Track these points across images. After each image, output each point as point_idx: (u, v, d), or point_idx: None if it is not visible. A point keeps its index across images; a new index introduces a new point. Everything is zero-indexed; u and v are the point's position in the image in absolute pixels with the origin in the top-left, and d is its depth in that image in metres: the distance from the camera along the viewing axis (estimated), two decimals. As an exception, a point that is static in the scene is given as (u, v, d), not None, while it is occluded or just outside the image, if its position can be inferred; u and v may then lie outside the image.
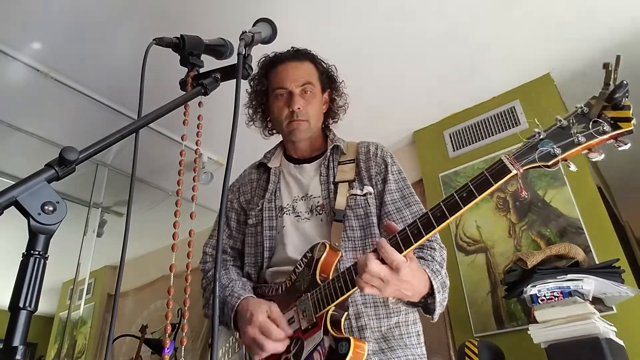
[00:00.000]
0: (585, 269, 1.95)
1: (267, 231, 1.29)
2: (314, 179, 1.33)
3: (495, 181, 0.85)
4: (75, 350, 4.50)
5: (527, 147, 0.85)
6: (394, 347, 1.12)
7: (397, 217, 1.22)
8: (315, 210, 1.28)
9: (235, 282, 1.25)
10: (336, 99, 1.45)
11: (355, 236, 1.21)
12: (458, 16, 2.33)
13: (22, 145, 3.08)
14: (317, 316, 1.03)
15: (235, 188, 1.45)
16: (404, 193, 1.27)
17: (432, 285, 1.00)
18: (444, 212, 0.88)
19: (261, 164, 1.44)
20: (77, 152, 0.60)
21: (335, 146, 1.36)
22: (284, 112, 1.32)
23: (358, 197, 1.25)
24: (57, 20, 2.22)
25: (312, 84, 1.34)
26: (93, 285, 4.75)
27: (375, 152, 1.34)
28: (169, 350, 1.45)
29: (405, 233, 0.91)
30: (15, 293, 0.51)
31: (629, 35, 2.49)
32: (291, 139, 1.36)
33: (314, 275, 1.09)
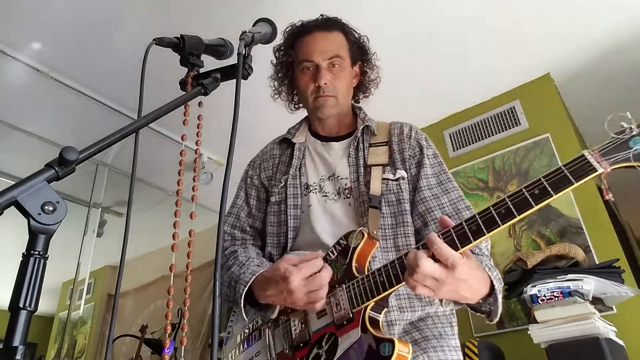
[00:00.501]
0: (585, 269, 1.95)
1: (291, 209, 1.19)
2: (342, 159, 1.24)
3: (577, 179, 0.75)
4: (75, 350, 4.51)
5: (617, 143, 0.75)
6: (428, 337, 1.03)
7: (435, 203, 1.13)
8: (343, 193, 1.19)
9: (252, 259, 1.14)
10: (367, 72, 1.35)
11: (386, 224, 1.12)
12: (458, 16, 2.33)
13: (22, 145, 3.08)
14: (354, 311, 0.94)
15: (257, 164, 1.36)
16: (440, 178, 1.18)
17: (492, 284, 0.91)
18: (510, 210, 0.78)
19: (284, 139, 1.34)
20: (77, 152, 0.60)
21: (366, 126, 1.27)
22: (310, 87, 1.23)
23: (390, 181, 1.16)
24: (57, 20, 2.22)
25: (341, 56, 1.24)
26: (93, 285, 4.75)
27: (409, 133, 1.25)
28: (169, 350, 1.44)
29: (463, 229, 0.82)
30: (15, 293, 0.51)
31: (629, 36, 2.49)
32: (317, 115, 1.27)
33: (349, 266, 1.00)
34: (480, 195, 2.73)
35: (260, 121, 2.60)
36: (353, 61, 1.30)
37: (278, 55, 1.34)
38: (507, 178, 2.68)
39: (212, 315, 0.60)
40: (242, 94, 0.77)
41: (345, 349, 0.92)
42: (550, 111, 2.70)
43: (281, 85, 1.37)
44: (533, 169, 2.59)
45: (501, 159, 2.75)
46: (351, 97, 1.33)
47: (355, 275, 0.98)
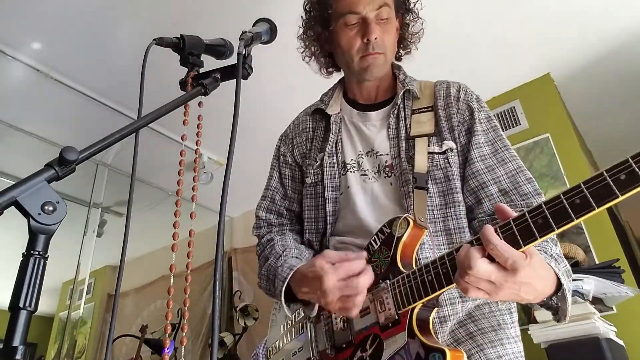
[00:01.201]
0: (585, 269, 1.95)
1: (329, 192, 1.08)
2: (380, 131, 1.10)
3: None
4: (75, 350, 4.50)
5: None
6: (485, 329, 0.92)
7: (489, 177, 0.98)
8: (383, 171, 1.06)
9: (290, 249, 1.04)
10: (409, 24, 1.19)
11: (433, 204, 0.99)
12: (457, 16, 2.33)
13: (22, 145, 3.08)
14: (400, 313, 0.85)
15: (289, 139, 1.22)
16: (495, 147, 1.02)
17: (559, 282, 0.76)
18: (587, 200, 0.63)
19: (317, 109, 1.20)
20: (77, 152, 0.60)
21: (407, 90, 1.11)
22: (355, 44, 1.06)
23: (436, 155, 1.01)
24: (57, 20, 2.22)
25: (389, 5, 1.08)
26: (93, 285, 4.75)
27: (457, 95, 1.08)
28: (169, 350, 1.44)
29: (526, 222, 0.68)
30: (15, 293, 0.51)
31: (629, 36, 2.49)
32: (365, 77, 1.11)
33: (394, 259, 0.90)
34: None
35: (261, 121, 2.60)
36: (397, 11, 1.14)
37: (310, 8, 1.17)
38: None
39: (212, 315, 0.60)
40: (243, 94, 0.77)
41: (391, 355, 0.84)
42: (550, 111, 2.70)
43: (314, 45, 1.19)
44: (533, 169, 2.59)
45: (501, 159, 2.74)
46: (395, 53, 1.18)
47: (401, 270, 0.88)
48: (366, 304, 0.91)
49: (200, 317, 3.91)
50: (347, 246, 1.04)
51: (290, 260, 0.99)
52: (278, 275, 0.98)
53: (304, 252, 1.06)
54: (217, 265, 0.62)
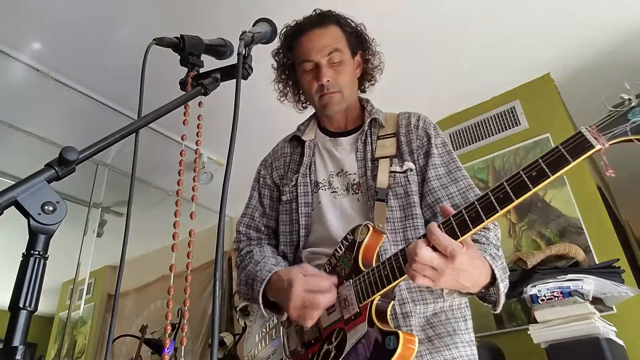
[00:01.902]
0: (585, 269, 1.95)
1: (302, 207, 1.20)
2: (349, 154, 1.24)
3: (574, 158, 0.71)
4: (75, 350, 4.50)
5: (614, 117, 0.71)
6: (442, 334, 1.03)
7: (443, 194, 1.12)
8: (351, 188, 1.18)
9: (268, 258, 1.16)
10: (370, 59, 1.33)
11: (394, 217, 1.11)
12: (457, 16, 2.33)
13: (22, 145, 3.08)
14: (360, 306, 0.95)
15: (268, 163, 1.37)
16: (449, 167, 1.17)
17: (493, 273, 0.89)
18: (508, 194, 0.76)
19: (294, 137, 1.34)
20: (77, 152, 0.60)
21: (374, 119, 1.26)
22: (313, 87, 1.22)
23: (397, 174, 1.15)
24: (57, 20, 2.22)
25: (340, 50, 1.22)
26: (93, 285, 4.75)
27: (417, 123, 1.23)
28: (169, 350, 1.44)
29: (462, 217, 0.81)
30: (15, 293, 0.51)
31: (629, 35, 2.49)
32: (325, 113, 1.26)
33: (356, 260, 1.00)
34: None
35: (261, 121, 2.60)
36: (353, 52, 1.27)
37: (278, 58, 1.34)
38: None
39: (212, 315, 0.60)
40: (243, 94, 0.77)
41: (354, 344, 0.93)
42: (550, 111, 2.70)
43: (286, 87, 1.36)
44: (533, 169, 2.59)
45: (501, 159, 2.75)
46: (356, 88, 1.31)
47: (361, 270, 0.98)
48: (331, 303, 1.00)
49: (200, 317, 3.91)
50: (318, 255, 1.14)
51: (268, 266, 1.11)
52: (257, 278, 1.08)
53: (280, 261, 1.17)
54: (217, 265, 0.62)
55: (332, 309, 1.01)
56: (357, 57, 1.30)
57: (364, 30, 1.33)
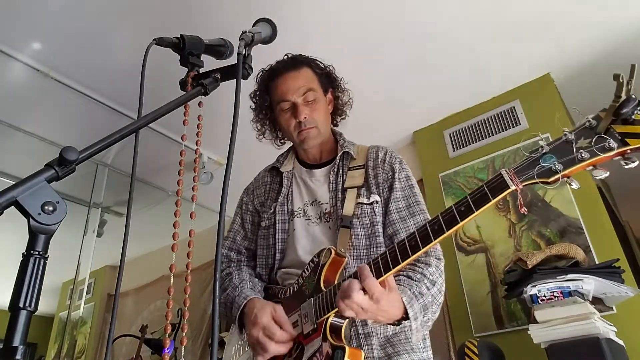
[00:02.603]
0: (585, 269, 1.95)
1: (279, 234, 1.30)
2: (323, 185, 1.34)
3: (494, 196, 0.82)
4: (75, 350, 4.50)
5: (529, 161, 0.82)
6: (400, 352, 1.11)
7: (401, 226, 1.22)
8: (324, 217, 1.29)
9: (246, 282, 1.26)
10: (340, 96, 1.45)
11: (360, 245, 1.21)
12: (458, 16, 2.33)
13: (22, 145, 3.08)
14: (317, 322, 1.04)
15: (250, 191, 1.48)
16: (409, 202, 1.26)
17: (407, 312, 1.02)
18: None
19: (274, 167, 1.46)
20: (77, 152, 0.60)
21: (345, 152, 1.36)
22: (291, 124, 1.32)
23: (364, 205, 1.24)
24: (57, 20, 2.22)
25: (314, 89, 1.33)
26: (93, 285, 4.75)
27: (384, 158, 1.33)
28: (169, 350, 1.45)
29: (385, 257, 0.93)
30: (15, 293, 0.51)
31: (629, 35, 2.49)
32: (303, 147, 1.37)
33: (318, 281, 1.10)
34: (480, 195, 2.72)
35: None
36: (325, 90, 1.39)
37: (255, 100, 1.44)
38: (507, 178, 2.68)
39: (212, 315, 0.61)
40: (243, 94, 0.77)
41: (309, 357, 1.02)
42: (550, 111, 2.70)
43: (263, 126, 1.46)
44: (533, 169, 2.59)
45: (501, 159, 2.75)
46: (330, 123, 1.42)
47: (322, 290, 1.07)
48: (295, 319, 1.11)
49: (200, 317, 3.91)
50: (290, 276, 1.25)
51: (245, 291, 1.21)
52: (235, 304, 1.19)
53: (257, 285, 1.28)
54: (217, 265, 0.62)
55: (295, 324, 1.10)
56: (328, 94, 1.42)
57: (333, 71, 1.45)
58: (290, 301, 1.16)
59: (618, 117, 0.75)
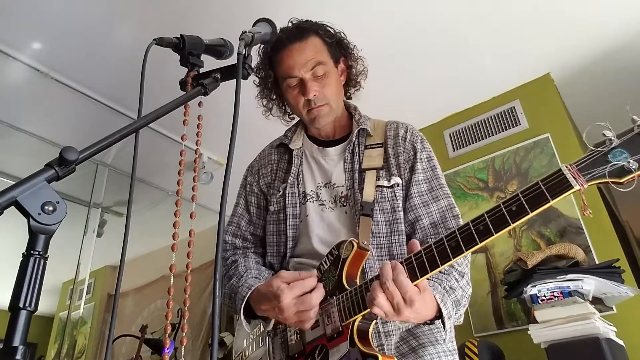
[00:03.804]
0: (585, 269, 1.95)
1: (290, 219, 1.19)
2: (337, 165, 1.22)
3: (553, 196, 0.71)
4: (75, 350, 4.50)
5: (595, 157, 0.71)
6: (425, 344, 1.04)
7: (424, 211, 1.12)
8: (339, 201, 1.17)
9: (251, 270, 1.15)
10: (353, 65, 1.31)
11: (380, 232, 1.11)
12: (458, 16, 2.33)
13: (22, 145, 3.08)
14: (343, 325, 0.95)
15: (255, 170, 1.34)
16: (432, 185, 1.16)
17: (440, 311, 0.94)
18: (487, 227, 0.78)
19: (282, 144, 1.32)
20: (77, 152, 0.60)
21: (362, 129, 1.24)
22: (300, 102, 1.20)
23: (385, 189, 1.14)
24: (57, 20, 2.22)
25: (323, 62, 1.19)
26: (93, 285, 4.75)
27: (405, 135, 1.22)
28: (169, 350, 1.44)
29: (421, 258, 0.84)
30: (15, 293, 0.51)
31: (630, 35, 2.49)
32: (315, 126, 1.24)
33: (340, 277, 1.01)
34: (480, 195, 2.72)
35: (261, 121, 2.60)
36: (335, 60, 1.25)
37: (259, 75, 1.31)
38: (507, 178, 2.68)
39: (212, 315, 0.60)
40: (243, 94, 0.77)
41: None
42: (550, 111, 2.70)
43: (269, 102, 1.34)
44: (533, 169, 2.59)
45: (501, 159, 2.75)
46: (342, 97, 1.30)
47: (345, 287, 0.99)
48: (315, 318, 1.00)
49: (200, 317, 3.91)
50: (304, 267, 1.14)
51: (249, 280, 1.09)
52: (238, 294, 1.08)
53: (263, 273, 1.16)
54: (217, 265, 0.62)
55: (316, 325, 1.01)
56: (340, 64, 1.28)
57: (344, 37, 1.30)
58: None
59: None
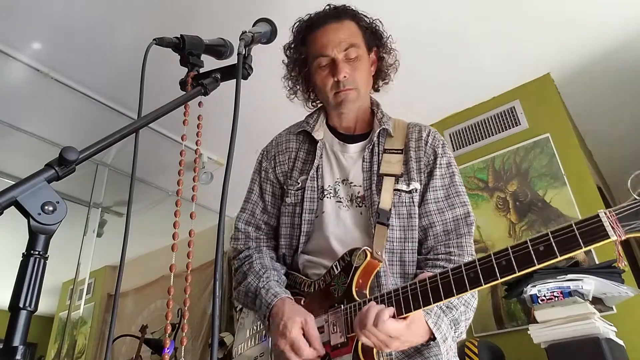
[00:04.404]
0: (585, 269, 1.95)
1: (306, 214, 1.15)
2: (356, 163, 1.19)
3: (586, 244, 0.68)
4: (75, 350, 4.50)
5: (637, 208, 0.67)
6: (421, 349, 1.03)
7: (438, 219, 1.11)
8: (355, 200, 1.15)
9: (270, 271, 1.12)
10: (385, 57, 1.28)
11: (394, 237, 1.09)
12: (458, 16, 2.33)
13: (22, 145, 3.08)
14: (348, 336, 0.94)
15: (271, 155, 1.28)
16: (449, 192, 1.14)
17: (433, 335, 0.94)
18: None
19: (303, 131, 1.27)
20: (77, 152, 0.60)
21: (383, 129, 1.21)
22: (329, 83, 1.16)
23: (403, 193, 1.12)
24: (57, 20, 2.22)
25: (357, 45, 1.17)
26: (93, 285, 4.75)
27: (427, 139, 1.20)
28: (169, 350, 1.44)
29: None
30: (15, 293, 0.51)
31: (630, 36, 2.49)
32: (340, 110, 1.21)
33: (350, 286, 0.99)
34: (480, 195, 2.73)
35: (261, 121, 2.60)
36: (369, 48, 1.23)
37: (289, 53, 1.28)
38: (507, 178, 2.68)
39: (212, 315, 0.60)
40: (243, 94, 0.77)
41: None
42: (550, 111, 2.70)
43: (296, 84, 1.30)
44: (533, 169, 2.59)
45: (501, 159, 2.75)
46: (370, 86, 1.27)
47: (354, 298, 0.97)
48: (321, 323, 1.01)
49: (200, 317, 3.91)
50: (316, 265, 1.13)
51: (273, 287, 1.08)
52: (262, 299, 1.06)
53: (281, 275, 1.15)
54: (217, 265, 0.62)
55: (321, 330, 1.00)
56: (372, 53, 1.25)
57: (380, 27, 1.28)
58: (316, 299, 1.06)
59: None
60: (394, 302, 0.89)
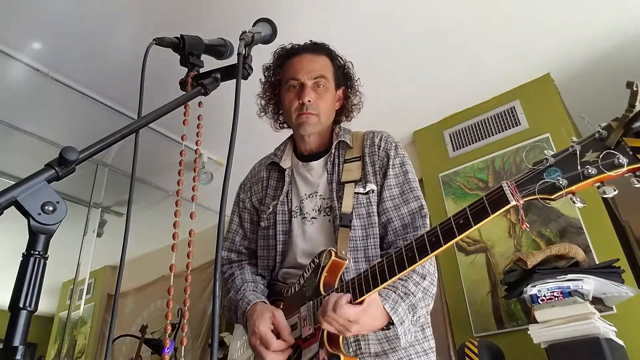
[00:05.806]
0: (585, 269, 1.95)
1: (280, 235, 1.27)
2: (322, 176, 1.30)
3: (493, 211, 0.79)
4: (75, 350, 4.50)
5: (532, 174, 0.76)
6: (396, 347, 1.10)
7: (395, 214, 1.20)
8: (324, 210, 1.25)
9: (248, 284, 1.25)
10: (351, 97, 1.40)
11: (357, 236, 1.19)
12: (458, 16, 2.33)
13: (22, 145, 3.08)
14: (315, 327, 1.03)
15: (247, 187, 1.43)
16: (403, 188, 1.23)
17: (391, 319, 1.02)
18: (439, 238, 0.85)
19: (272, 162, 1.40)
20: (77, 152, 0.60)
21: (340, 141, 1.32)
22: (294, 104, 1.28)
23: (360, 195, 1.22)
24: (57, 20, 2.22)
25: (326, 78, 1.30)
26: (93, 285, 4.75)
27: (379, 143, 1.30)
28: (169, 350, 1.45)
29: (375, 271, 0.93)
30: (15, 293, 0.51)
31: (630, 36, 2.49)
32: (299, 132, 1.31)
33: (318, 283, 1.08)
34: (480, 195, 2.72)
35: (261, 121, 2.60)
36: (337, 85, 1.35)
37: (267, 74, 1.39)
38: (507, 178, 2.67)
39: (212, 315, 0.61)
40: (243, 94, 0.77)
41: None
42: (550, 111, 2.70)
43: (268, 103, 1.41)
44: (533, 169, 2.58)
45: (501, 159, 2.75)
46: (332, 118, 1.37)
47: (321, 293, 1.06)
48: (295, 321, 1.10)
49: (200, 317, 3.91)
50: (292, 275, 1.24)
51: (248, 295, 1.19)
52: (239, 309, 1.18)
53: (259, 285, 1.27)
54: (217, 265, 0.62)
55: (294, 327, 1.09)
56: (339, 91, 1.37)
57: (351, 69, 1.40)
58: (292, 301, 1.15)
59: (630, 129, 0.67)
60: (351, 289, 0.98)
